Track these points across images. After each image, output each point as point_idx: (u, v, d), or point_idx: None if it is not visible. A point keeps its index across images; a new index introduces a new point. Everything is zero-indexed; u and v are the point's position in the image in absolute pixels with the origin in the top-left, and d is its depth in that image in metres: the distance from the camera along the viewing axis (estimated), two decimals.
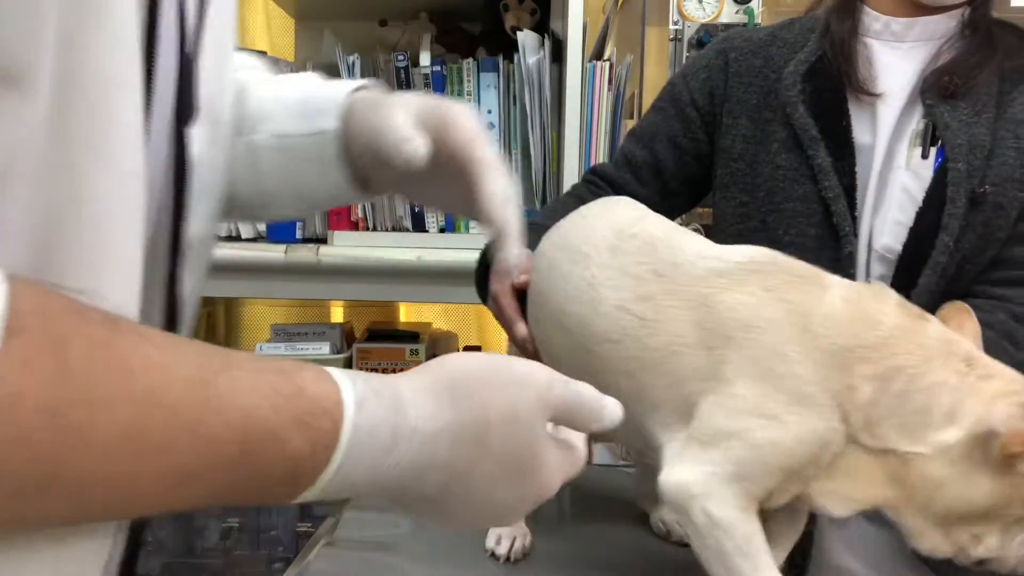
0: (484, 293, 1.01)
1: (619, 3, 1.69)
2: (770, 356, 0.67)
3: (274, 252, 1.48)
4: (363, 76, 1.54)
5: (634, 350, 0.74)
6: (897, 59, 0.99)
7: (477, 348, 2.05)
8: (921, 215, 0.93)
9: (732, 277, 0.71)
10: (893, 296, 0.70)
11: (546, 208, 1.07)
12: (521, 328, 0.90)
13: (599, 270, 0.78)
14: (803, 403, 0.66)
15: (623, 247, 0.78)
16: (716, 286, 0.71)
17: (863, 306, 0.69)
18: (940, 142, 0.94)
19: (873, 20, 1.01)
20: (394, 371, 1.60)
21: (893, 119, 0.98)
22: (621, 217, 0.83)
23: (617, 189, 1.08)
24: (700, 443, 0.69)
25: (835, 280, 0.71)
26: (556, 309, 0.81)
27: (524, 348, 0.91)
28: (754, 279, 0.70)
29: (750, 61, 1.05)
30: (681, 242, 0.77)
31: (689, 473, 0.69)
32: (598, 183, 1.11)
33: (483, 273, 1.02)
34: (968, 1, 0.97)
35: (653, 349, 0.72)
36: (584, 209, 0.88)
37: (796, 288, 0.70)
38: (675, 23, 1.44)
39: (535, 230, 0.96)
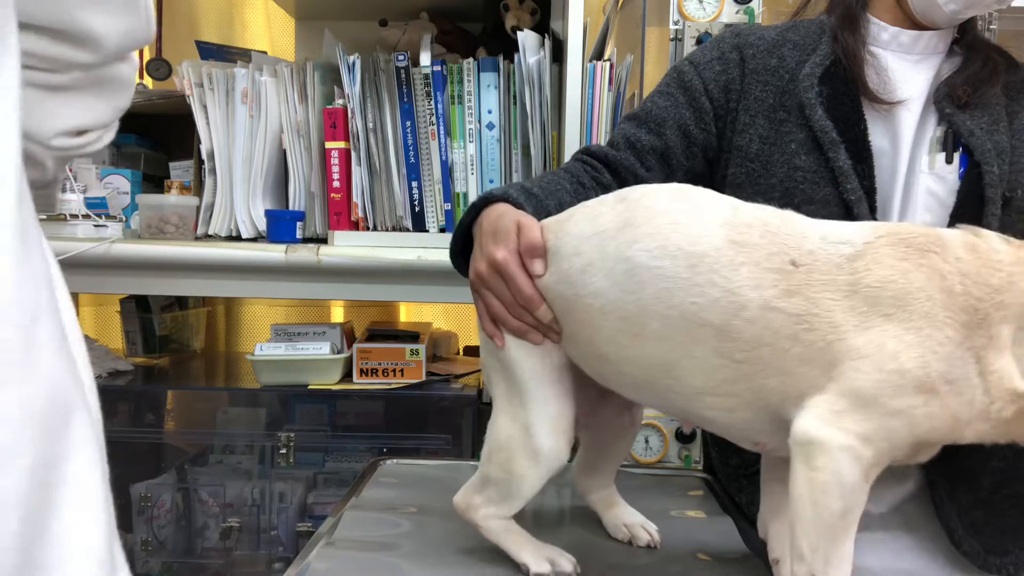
0: (463, 258, 0.94)
1: (619, 3, 1.69)
2: (925, 323, 0.69)
3: (274, 252, 1.48)
4: (363, 76, 1.54)
5: (791, 347, 0.72)
6: (909, 68, 1.02)
7: (477, 348, 2.05)
8: (955, 218, 0.96)
9: (868, 258, 0.72)
10: (990, 233, 0.74)
11: (535, 181, 0.98)
12: (547, 311, 0.84)
13: (731, 271, 0.73)
14: (957, 370, 0.69)
15: (745, 240, 0.74)
16: (858, 270, 0.72)
17: (980, 252, 0.72)
18: (960, 148, 0.98)
19: (881, 30, 1.03)
20: (394, 372, 1.60)
21: (914, 125, 1.00)
22: (715, 204, 0.79)
23: (616, 171, 1.05)
24: (851, 404, 0.70)
25: (948, 233, 0.74)
26: (678, 318, 0.75)
27: (549, 330, 0.85)
28: (887, 253, 0.72)
29: (766, 60, 1.05)
30: (798, 225, 0.76)
31: (831, 430, 0.70)
32: (593, 163, 1.05)
33: (466, 236, 0.94)
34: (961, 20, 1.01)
35: (811, 343, 0.71)
36: (646, 202, 0.80)
37: (925, 253, 0.72)
38: (675, 23, 1.44)
39: (531, 200, 0.92)
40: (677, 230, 0.76)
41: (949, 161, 0.98)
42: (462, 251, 0.95)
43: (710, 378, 0.76)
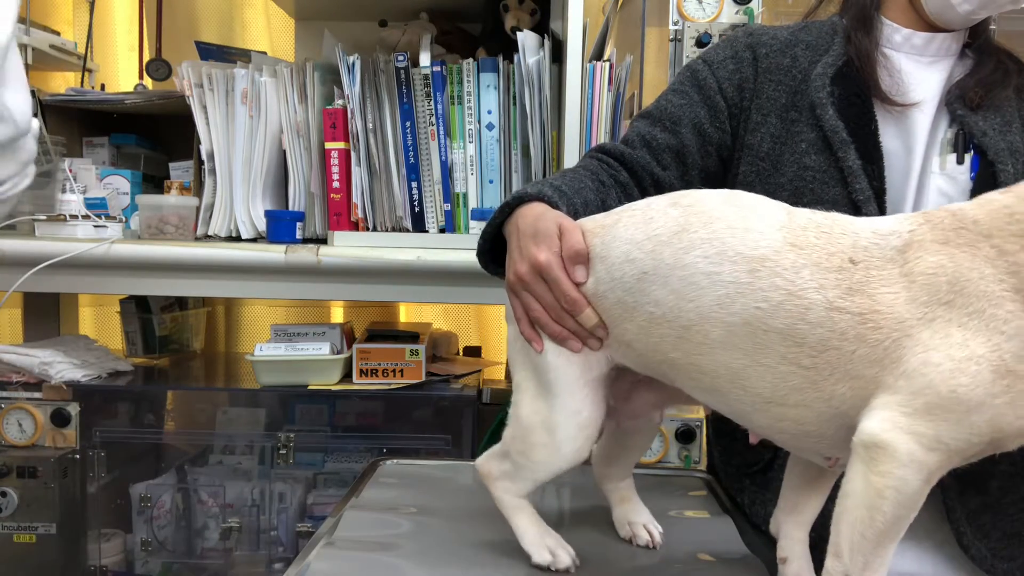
0: (493, 258, 0.94)
1: (619, 3, 1.69)
2: (986, 302, 0.67)
3: (274, 252, 1.48)
4: (363, 76, 1.54)
5: (857, 349, 0.70)
6: (921, 70, 1.03)
7: (477, 348, 2.05)
8: None
9: (915, 247, 0.70)
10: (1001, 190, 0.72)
11: (560, 178, 0.97)
12: (591, 315, 0.82)
13: (794, 273, 0.72)
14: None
15: (803, 241, 0.73)
16: (909, 260, 0.70)
17: (990, 206, 0.70)
18: (972, 149, 0.98)
19: (894, 32, 1.04)
20: (394, 372, 1.60)
21: (927, 126, 1.01)
22: (768, 207, 0.78)
23: (632, 169, 1.04)
24: (925, 404, 0.67)
25: (954, 205, 0.72)
26: (741, 324, 0.74)
27: (590, 336, 0.83)
28: (930, 238, 0.70)
29: (779, 59, 1.05)
30: (848, 222, 0.75)
31: (901, 435, 0.67)
32: (609, 162, 1.05)
33: (496, 236, 0.93)
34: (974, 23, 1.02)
35: (877, 343, 0.69)
36: (699, 207, 0.79)
37: (958, 231, 0.70)
38: (675, 23, 1.44)
39: (563, 198, 0.90)
40: (734, 234, 0.75)
41: (960, 162, 0.98)
42: (489, 250, 0.94)
43: (778, 387, 0.74)
